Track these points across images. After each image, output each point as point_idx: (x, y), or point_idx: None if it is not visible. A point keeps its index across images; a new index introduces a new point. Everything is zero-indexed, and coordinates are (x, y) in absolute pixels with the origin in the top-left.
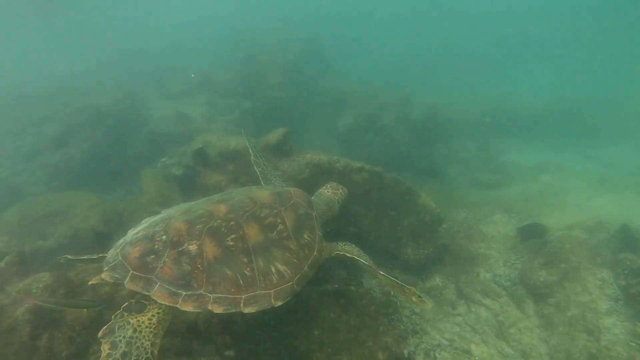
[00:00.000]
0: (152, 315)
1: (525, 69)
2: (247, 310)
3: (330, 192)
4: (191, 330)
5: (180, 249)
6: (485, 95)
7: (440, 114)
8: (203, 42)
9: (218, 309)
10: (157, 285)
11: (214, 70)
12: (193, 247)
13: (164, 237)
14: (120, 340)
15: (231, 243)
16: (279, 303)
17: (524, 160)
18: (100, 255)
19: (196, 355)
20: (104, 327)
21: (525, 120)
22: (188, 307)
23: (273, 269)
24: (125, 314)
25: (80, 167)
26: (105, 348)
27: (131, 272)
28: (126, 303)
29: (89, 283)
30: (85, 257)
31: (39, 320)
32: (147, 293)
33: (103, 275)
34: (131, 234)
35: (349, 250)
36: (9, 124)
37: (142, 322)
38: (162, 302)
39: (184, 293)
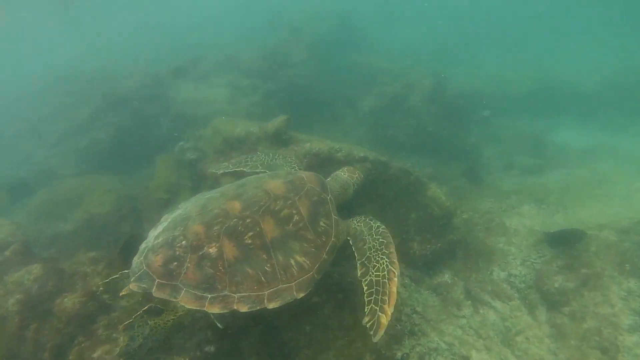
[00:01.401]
0: (168, 320)
1: (579, 42)
2: (271, 305)
3: (346, 175)
4: (175, 324)
5: (200, 253)
6: (532, 71)
7: (480, 91)
8: (238, 21)
9: (243, 308)
10: (183, 291)
11: (242, 48)
12: (213, 250)
13: (183, 242)
14: (138, 336)
15: (249, 241)
16: (302, 295)
17: (573, 142)
18: (123, 272)
19: (176, 351)
20: (126, 323)
21: (578, 96)
22: (215, 310)
23: (292, 262)
24: (145, 315)
25: (106, 151)
26: (124, 339)
27: (157, 280)
28: (146, 306)
29: (120, 294)
30: (113, 278)
31: (28, 311)
32: (174, 300)
33: (131, 287)
34: (152, 237)
35: (356, 233)
36: (46, 108)
37: (159, 325)
38: (190, 307)
39: (209, 296)
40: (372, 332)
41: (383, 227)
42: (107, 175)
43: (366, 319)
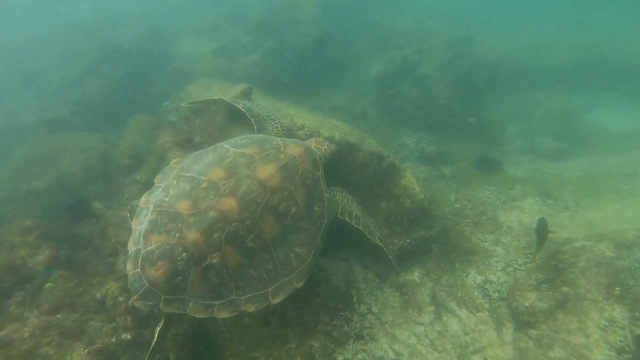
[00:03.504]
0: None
1: (631, 6)
2: (276, 301)
3: (313, 146)
4: (99, 305)
5: (204, 265)
6: (576, 39)
7: (512, 60)
8: None
9: (251, 308)
10: (191, 303)
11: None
12: (216, 260)
13: (184, 254)
14: None
15: (251, 244)
16: (301, 284)
17: (612, 124)
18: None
19: (90, 334)
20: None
21: (625, 70)
22: (224, 315)
23: (292, 255)
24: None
25: (97, 105)
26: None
27: (163, 297)
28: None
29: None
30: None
31: None
32: (183, 312)
33: (136, 305)
34: (138, 233)
35: (344, 210)
36: (49, 57)
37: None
38: (199, 316)
39: (217, 303)
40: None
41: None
42: (91, 132)
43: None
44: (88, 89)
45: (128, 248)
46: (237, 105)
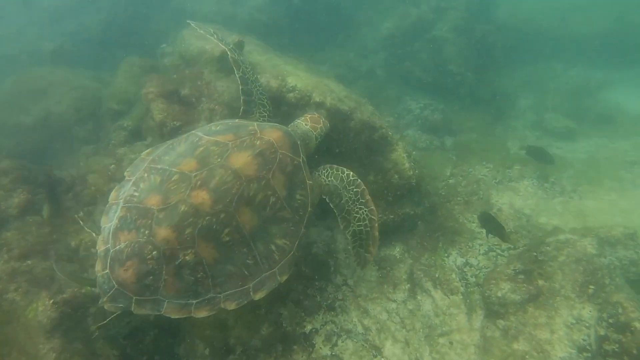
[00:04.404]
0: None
1: None
2: (258, 296)
3: (308, 125)
4: (72, 254)
5: (177, 263)
6: (608, 7)
7: (537, 25)
8: None
9: (231, 306)
10: (165, 303)
11: None
12: (190, 257)
13: (154, 252)
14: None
15: (227, 239)
16: (285, 277)
17: (630, 104)
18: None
19: (59, 283)
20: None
21: None
22: (202, 314)
23: (273, 247)
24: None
25: (95, 39)
26: None
27: (134, 298)
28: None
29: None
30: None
31: None
32: (158, 313)
33: (106, 307)
34: (107, 231)
35: (330, 189)
36: None
37: None
38: (176, 317)
39: (194, 302)
40: (359, 266)
41: (352, 174)
42: (85, 68)
43: (354, 262)
44: (86, 21)
45: (97, 248)
46: (236, 73)
